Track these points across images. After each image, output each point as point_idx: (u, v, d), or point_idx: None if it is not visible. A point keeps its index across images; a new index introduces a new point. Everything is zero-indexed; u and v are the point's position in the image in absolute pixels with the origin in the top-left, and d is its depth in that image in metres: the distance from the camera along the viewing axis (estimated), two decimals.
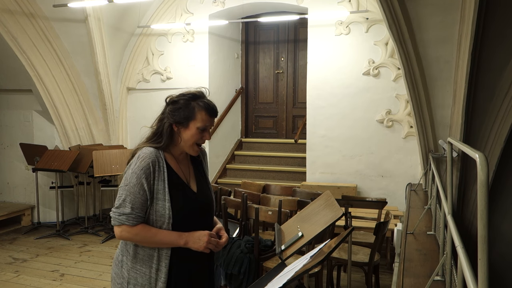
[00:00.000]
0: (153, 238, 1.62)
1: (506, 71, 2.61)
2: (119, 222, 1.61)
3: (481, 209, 0.93)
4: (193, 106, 1.67)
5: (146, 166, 1.61)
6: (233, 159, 6.89)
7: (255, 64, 7.20)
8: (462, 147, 1.38)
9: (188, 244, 1.65)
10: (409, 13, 3.06)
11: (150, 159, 1.62)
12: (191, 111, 1.67)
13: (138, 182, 1.60)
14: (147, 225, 1.64)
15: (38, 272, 4.30)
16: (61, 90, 5.75)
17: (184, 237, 1.64)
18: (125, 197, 1.60)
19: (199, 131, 1.68)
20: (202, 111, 1.67)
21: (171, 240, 1.63)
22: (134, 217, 1.60)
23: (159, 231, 1.63)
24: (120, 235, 1.63)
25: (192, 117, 1.66)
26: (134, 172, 1.61)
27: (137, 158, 1.64)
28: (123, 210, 1.60)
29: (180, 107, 1.67)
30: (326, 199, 2.16)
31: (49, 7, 5.25)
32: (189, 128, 1.67)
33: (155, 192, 1.63)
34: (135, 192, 1.60)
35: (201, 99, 1.70)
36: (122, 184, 1.63)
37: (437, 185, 2.52)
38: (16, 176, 6.12)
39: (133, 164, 1.64)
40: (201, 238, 1.65)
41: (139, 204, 1.61)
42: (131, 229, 1.61)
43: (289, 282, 1.46)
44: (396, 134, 5.44)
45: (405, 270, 2.07)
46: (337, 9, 5.51)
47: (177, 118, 1.67)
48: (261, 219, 3.40)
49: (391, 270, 4.05)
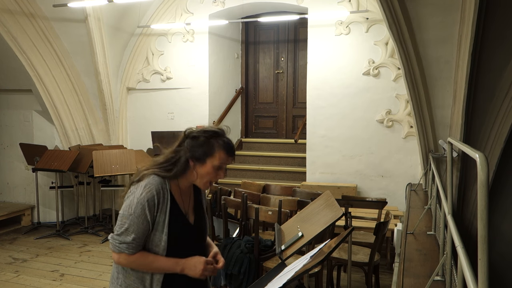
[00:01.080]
0: (150, 265, 1.64)
1: (506, 72, 2.61)
2: (119, 250, 1.61)
3: (481, 209, 0.93)
4: (212, 143, 1.66)
5: (151, 197, 1.60)
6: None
7: (255, 64, 7.20)
8: (462, 147, 1.38)
9: (184, 271, 1.66)
10: (409, 13, 3.06)
11: (155, 190, 1.62)
12: (210, 148, 1.66)
13: (143, 213, 1.59)
14: (145, 252, 1.64)
15: (38, 272, 4.30)
16: (61, 90, 5.75)
17: (181, 264, 1.65)
18: (128, 227, 1.59)
19: (215, 169, 1.67)
20: (221, 150, 1.67)
21: (168, 267, 1.65)
22: (134, 246, 1.60)
23: (156, 258, 1.63)
24: (118, 261, 1.64)
25: (210, 154, 1.66)
26: (139, 202, 1.60)
27: (143, 187, 1.62)
28: (124, 239, 1.60)
29: (200, 144, 1.66)
30: (326, 199, 2.16)
31: (49, 7, 5.26)
32: (205, 165, 1.66)
33: (156, 223, 1.63)
34: (138, 223, 1.59)
35: (221, 137, 1.70)
36: (126, 213, 1.61)
37: (437, 185, 2.52)
38: (16, 176, 6.12)
39: (138, 192, 1.62)
40: (197, 266, 1.66)
41: (141, 234, 1.61)
42: (130, 257, 1.61)
43: (289, 282, 1.46)
44: (396, 134, 5.44)
45: (405, 270, 2.08)
46: (337, 9, 5.51)
47: (196, 154, 1.66)
48: (261, 219, 3.40)
49: (391, 270, 4.05)
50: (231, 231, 3.64)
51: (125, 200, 1.65)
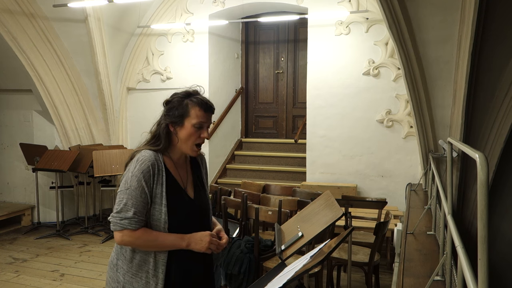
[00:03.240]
0: (155, 242, 1.59)
1: (506, 71, 2.61)
2: (121, 226, 1.57)
3: (481, 209, 0.93)
4: (186, 103, 1.65)
5: (146, 169, 1.58)
6: (233, 159, 6.89)
7: (255, 64, 7.20)
8: (462, 147, 1.38)
9: (190, 246, 1.62)
10: (409, 13, 3.06)
11: (150, 161, 1.60)
12: (184, 108, 1.64)
13: (139, 185, 1.57)
14: (148, 229, 1.61)
15: (38, 272, 4.30)
16: (61, 90, 5.75)
17: (186, 238, 1.62)
18: (127, 201, 1.57)
19: (196, 129, 1.65)
20: (195, 107, 1.64)
21: (173, 242, 1.61)
22: (136, 221, 1.57)
23: (160, 234, 1.60)
24: (121, 239, 1.59)
25: (186, 114, 1.64)
26: (134, 175, 1.58)
27: (136, 161, 1.61)
28: (125, 214, 1.56)
29: (174, 106, 1.65)
30: (326, 199, 2.16)
31: (49, 7, 5.25)
32: (184, 127, 1.64)
33: (153, 196, 1.60)
34: (136, 196, 1.57)
35: (194, 96, 1.68)
36: (122, 188, 1.59)
37: (437, 185, 2.52)
38: (16, 176, 6.12)
39: (132, 167, 1.61)
40: (203, 239, 1.63)
41: (141, 208, 1.58)
42: (133, 233, 1.57)
43: (289, 282, 1.46)
44: (396, 134, 5.44)
45: (405, 270, 2.07)
46: (337, 9, 5.51)
47: (172, 118, 1.64)
48: (261, 219, 3.40)
49: (391, 270, 4.05)
50: (231, 231, 3.64)
51: (122, 179, 1.64)
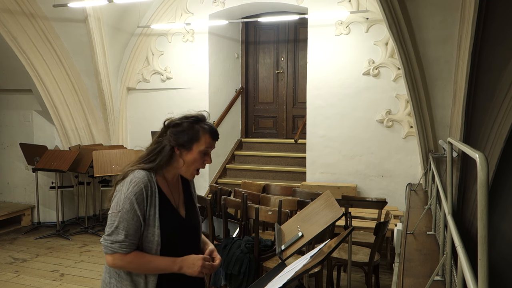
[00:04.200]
0: (147, 265, 1.58)
1: (506, 71, 2.61)
2: (112, 250, 1.54)
3: (481, 209, 0.93)
4: (197, 129, 1.64)
5: (139, 191, 1.55)
6: (233, 159, 6.89)
7: (255, 64, 7.20)
8: (462, 147, 1.38)
9: (182, 270, 1.61)
10: (409, 13, 3.06)
11: (143, 183, 1.57)
12: (195, 134, 1.63)
13: (131, 208, 1.54)
14: (140, 252, 1.58)
15: (38, 272, 4.30)
16: (61, 90, 5.75)
17: (178, 262, 1.60)
18: (118, 224, 1.54)
19: (201, 155, 1.65)
20: (206, 134, 1.65)
21: (165, 266, 1.59)
22: (127, 245, 1.54)
23: (152, 258, 1.58)
24: (113, 263, 1.56)
25: (195, 139, 1.63)
26: (127, 198, 1.55)
27: (129, 182, 1.58)
28: (115, 238, 1.53)
29: (183, 130, 1.63)
30: (326, 199, 2.16)
31: (49, 7, 5.25)
32: (192, 152, 1.63)
33: (147, 218, 1.58)
34: (128, 219, 1.54)
35: (204, 122, 1.68)
36: (114, 210, 1.56)
37: (437, 185, 2.52)
38: (16, 176, 6.12)
39: (124, 189, 1.57)
40: (195, 263, 1.61)
41: (132, 231, 1.54)
42: (125, 257, 1.55)
43: (289, 282, 1.46)
44: (396, 134, 5.44)
45: (405, 270, 2.07)
46: (337, 9, 5.51)
47: (181, 141, 1.62)
48: (261, 219, 3.39)
49: (391, 270, 4.05)
50: (231, 231, 3.64)
51: (113, 199, 1.60)
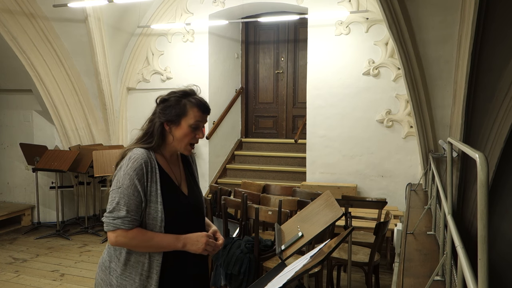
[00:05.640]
0: (150, 242, 1.55)
1: (506, 71, 2.61)
2: (114, 226, 1.52)
3: (481, 209, 0.93)
4: (184, 103, 1.63)
5: (138, 167, 1.54)
6: (233, 159, 6.90)
7: (255, 64, 7.20)
8: (462, 147, 1.38)
9: (186, 247, 1.59)
10: (409, 13, 3.06)
11: (142, 159, 1.56)
12: (182, 108, 1.62)
13: (132, 183, 1.53)
14: (142, 229, 1.56)
15: (38, 272, 4.30)
16: (61, 90, 5.75)
17: (182, 239, 1.59)
18: (119, 200, 1.52)
19: (192, 129, 1.63)
20: (194, 107, 1.63)
21: (169, 243, 1.57)
22: (129, 220, 1.52)
23: (155, 234, 1.56)
24: (116, 240, 1.54)
25: (183, 114, 1.62)
26: (126, 174, 1.54)
27: (128, 159, 1.57)
28: (117, 214, 1.52)
29: (171, 105, 1.63)
30: (326, 199, 2.16)
31: (49, 7, 5.25)
32: (181, 126, 1.62)
33: (148, 195, 1.57)
34: (129, 194, 1.52)
35: (192, 96, 1.67)
36: (114, 187, 1.55)
37: (437, 185, 2.52)
38: (16, 176, 6.12)
39: (124, 166, 1.57)
40: (199, 240, 1.60)
41: (134, 207, 1.53)
42: (127, 233, 1.53)
43: (289, 282, 1.46)
44: (396, 134, 5.44)
45: (405, 270, 2.07)
46: (337, 9, 5.51)
47: (168, 116, 1.62)
48: (261, 219, 3.39)
49: (391, 270, 4.05)
50: (231, 231, 3.64)
51: (113, 179, 1.60)
